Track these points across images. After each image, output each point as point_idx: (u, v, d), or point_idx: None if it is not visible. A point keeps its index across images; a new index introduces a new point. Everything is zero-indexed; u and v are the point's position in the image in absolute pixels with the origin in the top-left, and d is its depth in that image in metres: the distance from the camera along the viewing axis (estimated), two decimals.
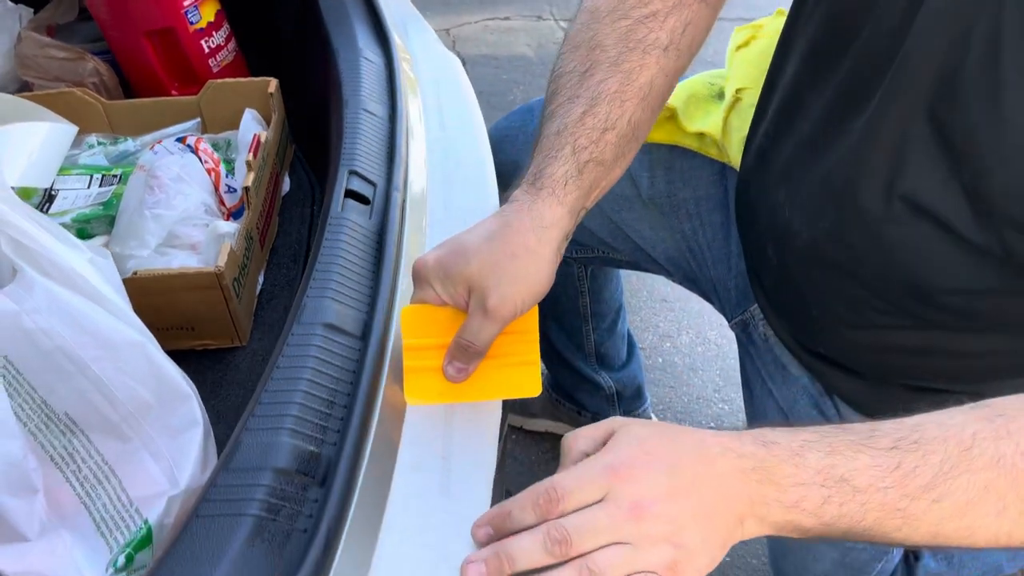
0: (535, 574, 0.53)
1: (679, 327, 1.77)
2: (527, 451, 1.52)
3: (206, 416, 0.69)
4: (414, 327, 0.69)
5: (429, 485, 0.63)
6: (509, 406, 1.49)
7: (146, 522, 0.62)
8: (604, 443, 0.58)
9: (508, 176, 1.05)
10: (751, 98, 1.00)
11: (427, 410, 0.68)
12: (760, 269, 0.98)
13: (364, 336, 0.68)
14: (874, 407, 0.90)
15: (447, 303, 0.68)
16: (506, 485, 1.42)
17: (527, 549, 0.54)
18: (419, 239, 0.82)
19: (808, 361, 0.96)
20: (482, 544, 0.57)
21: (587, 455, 0.58)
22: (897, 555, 1.05)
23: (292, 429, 0.58)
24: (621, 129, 0.73)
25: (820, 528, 0.56)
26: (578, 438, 0.61)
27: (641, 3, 0.75)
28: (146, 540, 0.61)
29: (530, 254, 0.68)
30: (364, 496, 0.58)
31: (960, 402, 0.83)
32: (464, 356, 0.67)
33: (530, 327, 0.70)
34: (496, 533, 0.57)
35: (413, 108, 0.98)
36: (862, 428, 0.58)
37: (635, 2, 0.76)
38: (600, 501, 0.54)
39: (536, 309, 0.70)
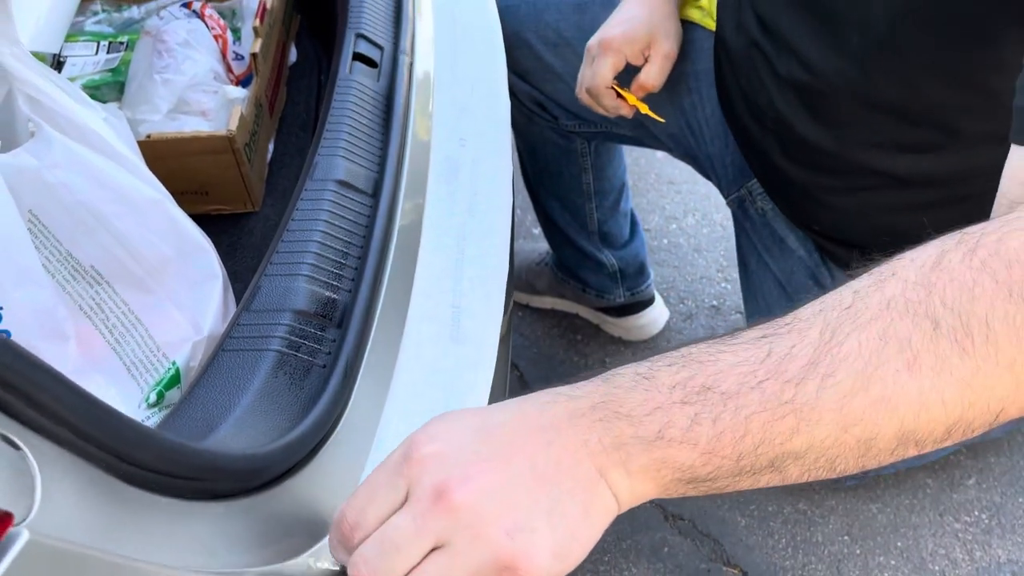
0: None
1: (685, 209, 1.79)
2: (533, 327, 1.56)
3: (224, 269, 0.71)
4: None
5: (440, 332, 0.66)
6: (515, 283, 1.52)
7: (174, 363, 0.66)
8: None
9: (509, 47, 1.05)
10: None
11: (438, 263, 0.71)
12: (748, 151, 1.00)
13: (375, 193, 0.70)
14: None
15: (620, 66, 0.98)
16: (511, 358, 1.47)
17: None
18: (428, 102, 0.83)
19: (806, 232, 0.99)
20: None
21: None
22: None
23: (309, 276, 0.61)
24: None
25: (704, 460, 0.43)
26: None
27: None
28: (175, 379, 0.65)
29: (672, 12, 0.99)
30: (379, 339, 0.61)
31: None
32: (642, 91, 0.98)
33: None
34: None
35: None
36: (724, 336, 0.46)
37: None
38: (403, 504, 0.43)
39: None
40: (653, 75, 0.98)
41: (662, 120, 1.04)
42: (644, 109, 0.99)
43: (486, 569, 0.41)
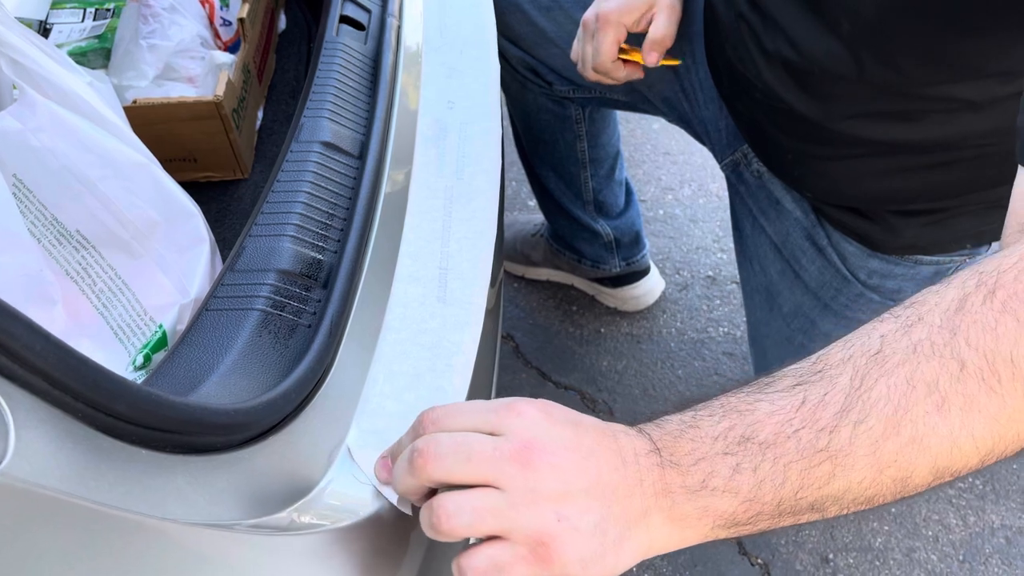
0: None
1: (681, 179, 1.78)
2: (528, 299, 1.56)
3: (211, 233, 0.71)
4: None
5: (427, 293, 0.66)
6: (510, 255, 1.52)
7: (160, 326, 0.66)
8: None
9: (501, 13, 1.04)
10: None
11: (425, 225, 0.70)
12: (738, 121, 1.00)
13: (361, 155, 0.70)
14: (868, 232, 0.93)
15: (622, 37, 0.95)
16: (506, 330, 1.47)
17: (398, 465, 0.47)
18: (416, 65, 0.82)
19: (801, 194, 0.99)
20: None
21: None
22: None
23: (294, 236, 0.61)
24: None
25: (745, 507, 0.45)
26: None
27: None
28: (162, 342, 0.65)
29: None
30: (365, 299, 0.61)
31: (952, 217, 0.88)
32: (660, 47, 0.94)
33: None
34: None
35: None
36: (761, 379, 0.49)
37: None
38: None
39: None
40: (662, 28, 0.95)
41: (678, 62, 1.03)
42: (660, 62, 0.96)
43: (524, 534, 0.43)
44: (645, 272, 1.52)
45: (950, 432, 0.44)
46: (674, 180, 1.78)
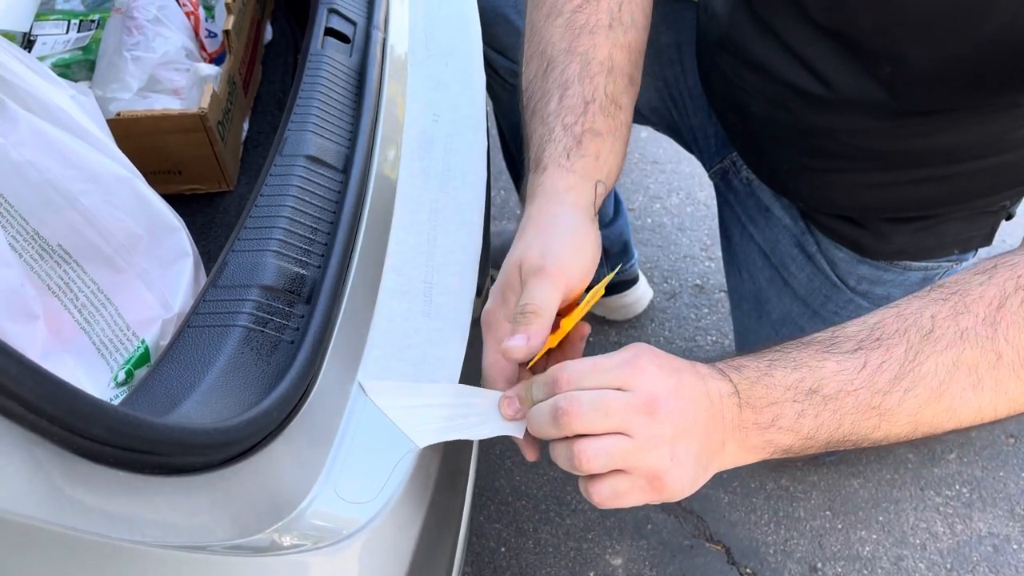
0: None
1: (669, 188, 1.78)
2: None
3: (195, 247, 0.71)
4: None
5: (412, 308, 0.66)
6: (498, 265, 1.52)
7: (143, 342, 0.65)
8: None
9: (488, 24, 1.04)
10: None
11: (410, 239, 0.70)
12: (729, 132, 1.00)
13: (346, 169, 0.70)
14: (858, 239, 0.93)
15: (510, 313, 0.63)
16: None
17: (538, 414, 0.55)
18: (401, 78, 0.82)
19: (791, 201, 0.99)
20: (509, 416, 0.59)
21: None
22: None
23: (277, 251, 0.60)
24: (600, 100, 0.71)
25: (801, 443, 0.56)
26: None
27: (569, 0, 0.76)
28: (144, 358, 0.64)
29: (559, 221, 0.65)
30: (349, 314, 0.61)
31: (942, 223, 0.88)
32: (522, 323, 0.59)
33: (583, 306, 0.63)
34: (521, 405, 0.58)
35: None
36: (824, 336, 0.58)
37: (564, 0, 0.76)
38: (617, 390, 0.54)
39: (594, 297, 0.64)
40: (528, 297, 0.62)
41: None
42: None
43: (645, 470, 0.53)
44: (634, 281, 1.52)
45: (979, 406, 0.56)
46: (662, 189, 1.78)
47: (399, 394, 0.59)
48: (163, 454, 0.41)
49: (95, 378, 0.66)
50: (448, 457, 0.61)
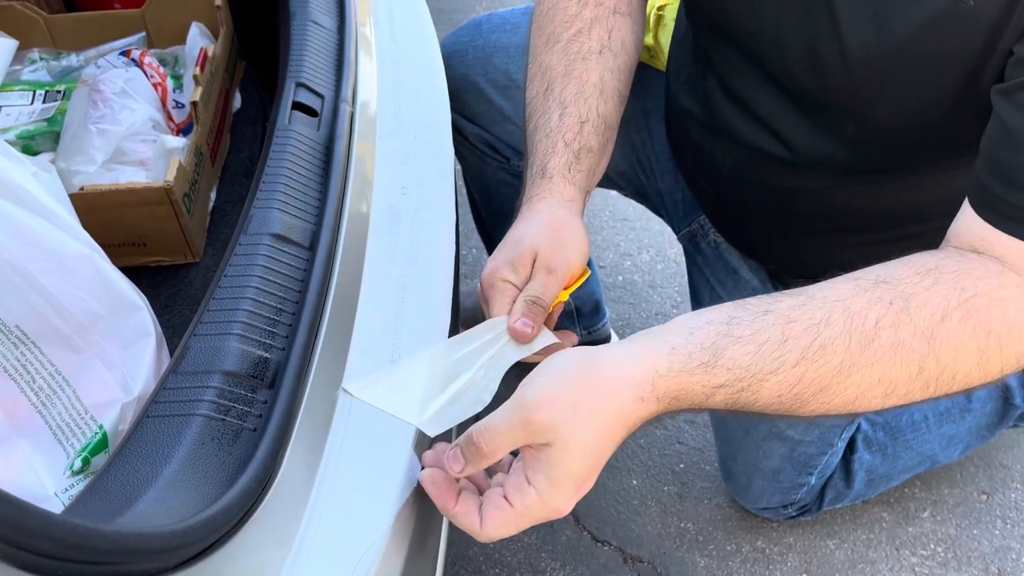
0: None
1: (639, 246, 1.79)
2: None
3: (158, 327, 0.70)
4: None
5: None
6: (465, 319, 1.51)
7: (101, 427, 0.63)
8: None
9: (458, 91, 1.04)
10: (672, 13, 1.03)
11: (377, 317, 0.69)
12: (699, 196, 1.02)
13: (312, 246, 0.69)
14: None
15: (517, 290, 0.74)
16: None
17: (466, 524, 0.58)
18: (369, 151, 0.82)
19: (758, 263, 1.00)
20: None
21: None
22: (840, 448, 1.11)
23: (240, 335, 0.59)
24: (593, 120, 0.82)
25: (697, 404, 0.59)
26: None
27: (566, 27, 0.86)
28: (102, 444, 0.63)
29: (566, 224, 0.77)
30: (313, 398, 0.60)
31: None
32: (532, 312, 0.71)
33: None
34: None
35: (364, 21, 0.97)
36: (775, 335, 0.60)
37: (562, 28, 0.86)
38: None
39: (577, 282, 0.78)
40: (536, 289, 0.73)
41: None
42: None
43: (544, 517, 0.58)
44: (606, 340, 1.51)
45: (872, 407, 0.61)
46: (632, 246, 1.79)
47: (383, 380, 0.64)
48: (115, 563, 0.40)
49: (50, 465, 0.64)
50: (414, 545, 0.59)
